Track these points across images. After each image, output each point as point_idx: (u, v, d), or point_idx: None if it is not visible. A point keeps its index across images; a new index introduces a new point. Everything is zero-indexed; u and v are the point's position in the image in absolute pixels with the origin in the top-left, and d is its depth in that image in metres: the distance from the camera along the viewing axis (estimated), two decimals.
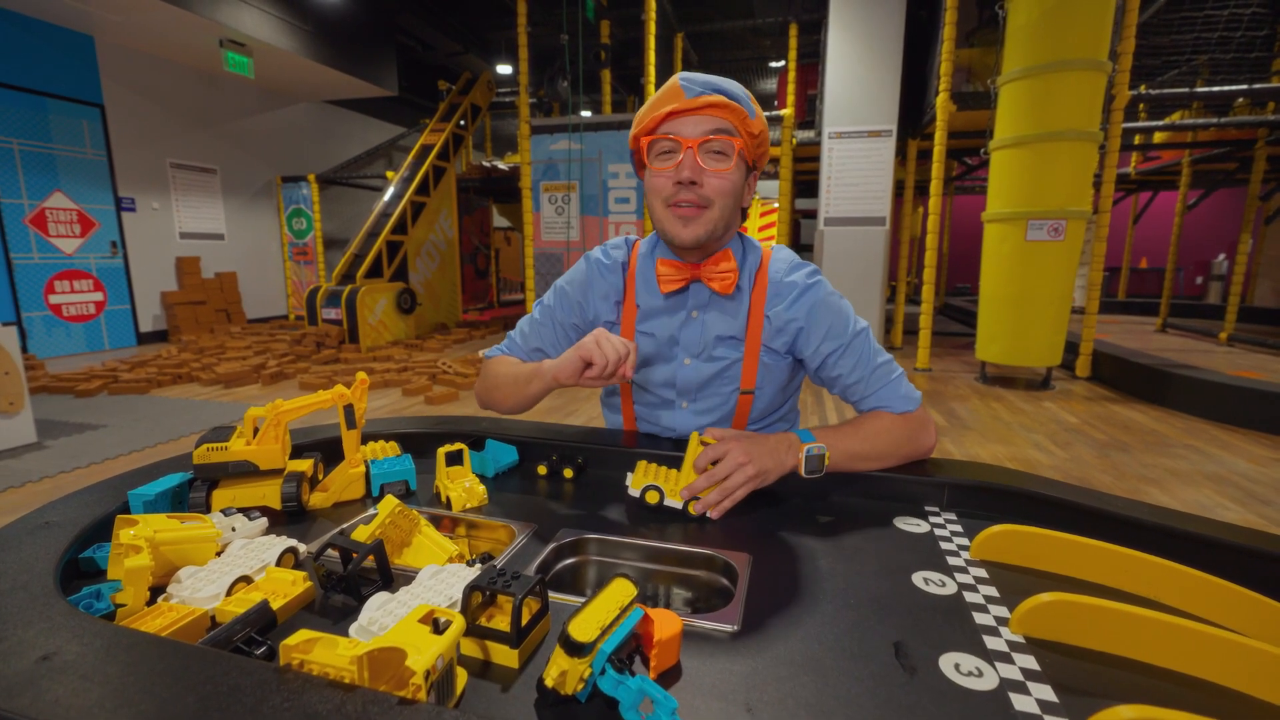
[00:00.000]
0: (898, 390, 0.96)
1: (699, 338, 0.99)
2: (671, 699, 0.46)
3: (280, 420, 0.82)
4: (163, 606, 0.58)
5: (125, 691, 0.44)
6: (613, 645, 0.48)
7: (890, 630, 0.59)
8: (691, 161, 0.87)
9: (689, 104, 0.86)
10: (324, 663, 0.46)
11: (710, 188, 0.89)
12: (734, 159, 0.89)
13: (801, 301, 0.95)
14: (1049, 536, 0.70)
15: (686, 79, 0.89)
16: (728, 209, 0.91)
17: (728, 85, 0.90)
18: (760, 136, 0.93)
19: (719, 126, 0.88)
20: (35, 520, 0.71)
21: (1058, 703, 0.50)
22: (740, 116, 0.89)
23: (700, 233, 0.90)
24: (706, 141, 0.87)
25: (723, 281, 0.94)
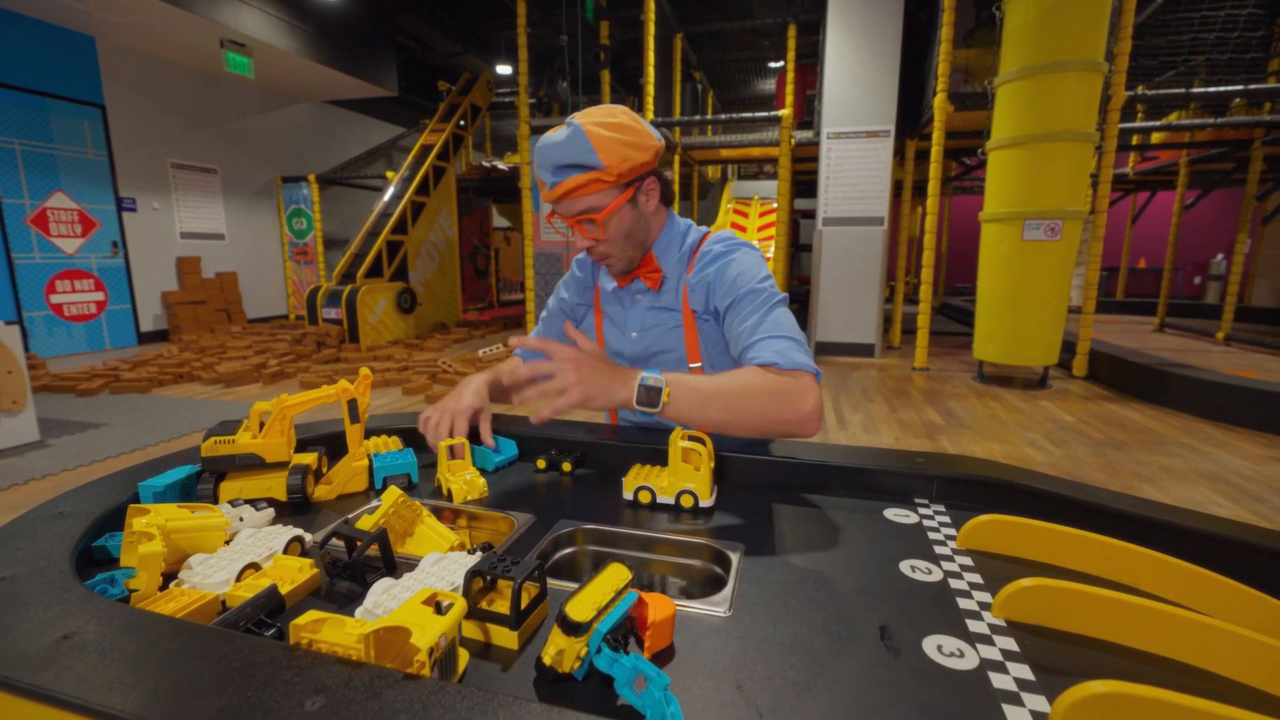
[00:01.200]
0: (774, 345, 0.91)
1: (639, 316, 1.14)
2: (664, 676, 0.48)
3: (286, 415, 0.85)
4: (175, 591, 0.60)
5: (143, 668, 0.46)
6: (608, 625, 0.50)
7: (877, 614, 0.62)
8: (580, 236, 1.02)
9: (548, 196, 0.99)
10: (332, 641, 0.48)
11: (601, 245, 1.04)
12: (604, 217, 0.99)
13: (714, 262, 1.04)
14: (1033, 526, 0.73)
15: (541, 168, 0.97)
16: (625, 246, 1.05)
17: (574, 154, 0.94)
18: (621, 158, 0.95)
19: (582, 208, 0.98)
20: (48, 510, 0.74)
21: (1034, 681, 0.52)
22: (592, 176, 0.95)
23: (620, 271, 1.10)
24: (580, 217, 1.00)
25: (650, 280, 1.11)
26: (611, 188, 0.97)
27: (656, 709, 0.46)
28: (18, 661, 0.46)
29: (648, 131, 1.00)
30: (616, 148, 0.95)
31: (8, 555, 0.62)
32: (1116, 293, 10.47)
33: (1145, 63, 5.32)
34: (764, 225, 7.86)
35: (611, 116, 0.96)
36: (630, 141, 0.96)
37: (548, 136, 0.97)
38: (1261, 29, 5.19)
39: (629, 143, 0.96)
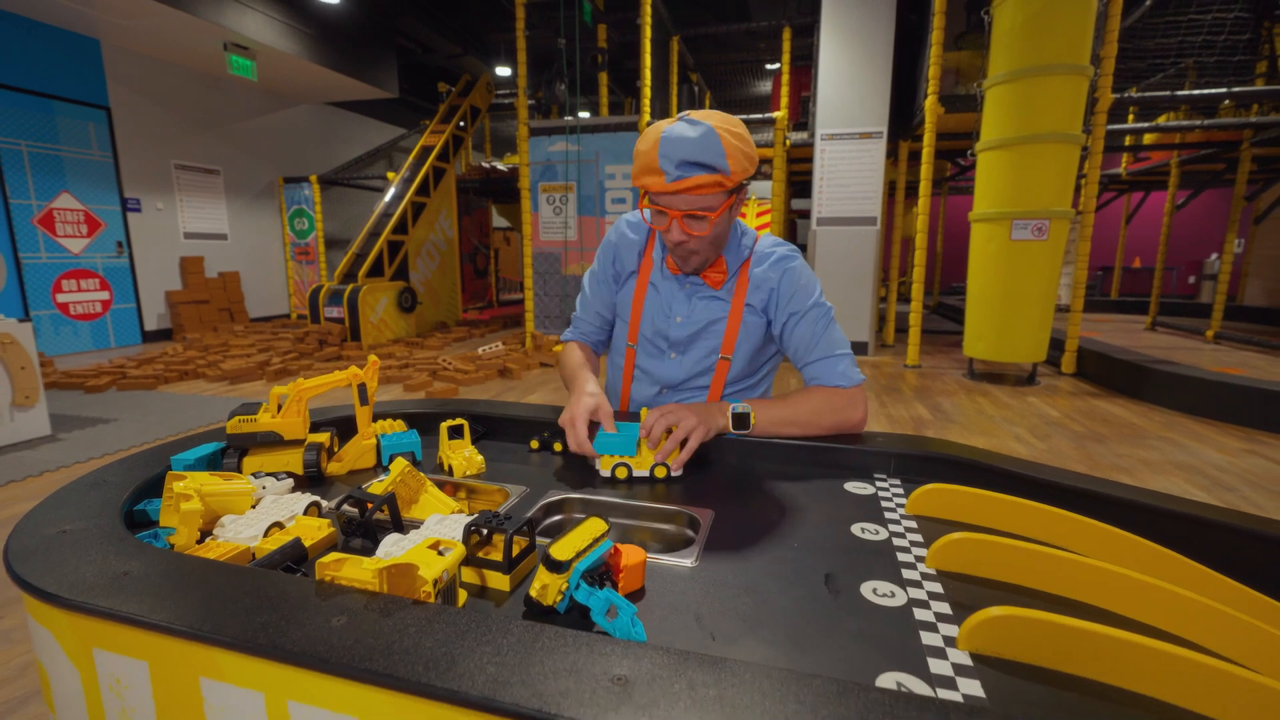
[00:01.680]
0: (836, 366, 1.09)
1: (688, 303, 1.19)
2: (631, 606, 0.57)
3: (302, 397, 0.93)
4: (211, 544, 0.69)
5: (192, 596, 0.54)
6: (586, 565, 0.59)
7: (823, 565, 0.70)
8: (678, 230, 1.04)
9: (667, 188, 0.99)
10: (351, 577, 0.57)
11: (694, 243, 1.07)
12: (713, 218, 1.02)
13: (779, 265, 1.13)
14: (970, 493, 0.81)
15: (665, 158, 0.97)
16: (713, 248, 1.10)
17: (705, 154, 0.96)
18: (742, 168, 1.00)
19: (697, 204, 1.01)
20: (93, 479, 0.82)
21: (951, 614, 0.61)
22: (717, 179, 0.98)
23: (692, 269, 1.14)
24: (688, 214, 1.02)
25: (714, 280, 1.16)
26: (725, 191, 1.01)
27: (624, 631, 0.55)
28: (86, 590, 0.55)
29: (754, 144, 1.05)
30: (740, 157, 0.99)
31: (64, 514, 0.71)
32: (1111, 292, 10.56)
33: (1134, 65, 5.40)
34: (761, 225, 7.94)
35: (736, 125, 1.00)
36: (749, 153, 1.01)
37: (674, 129, 0.98)
38: (1248, 32, 5.27)
39: (748, 154, 1.00)
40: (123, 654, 0.53)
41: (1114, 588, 0.62)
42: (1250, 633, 0.55)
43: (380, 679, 0.45)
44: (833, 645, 0.56)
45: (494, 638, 0.48)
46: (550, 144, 6.01)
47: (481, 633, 0.49)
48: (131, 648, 0.53)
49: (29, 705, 1.31)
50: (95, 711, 0.56)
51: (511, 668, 0.45)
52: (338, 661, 0.46)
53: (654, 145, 0.98)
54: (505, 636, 0.48)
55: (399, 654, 0.46)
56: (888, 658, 0.54)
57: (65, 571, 0.58)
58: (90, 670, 0.55)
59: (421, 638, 0.48)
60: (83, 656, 0.55)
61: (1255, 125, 5.48)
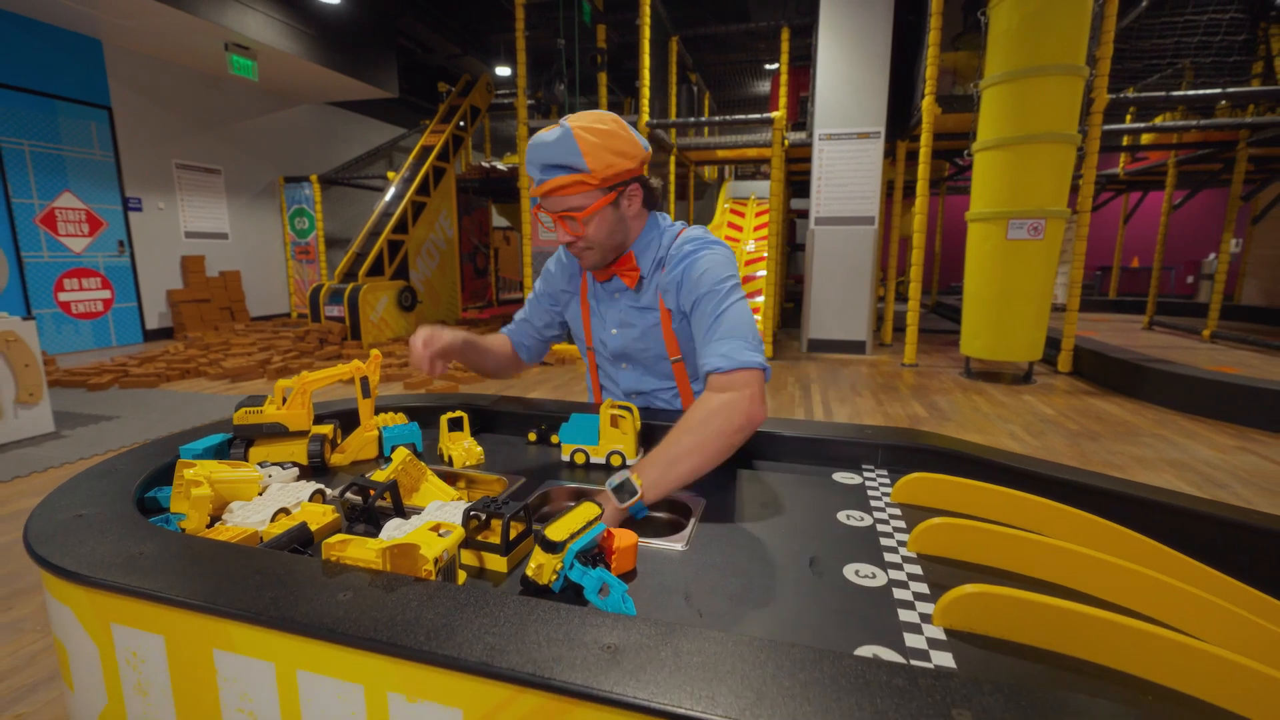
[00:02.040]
0: (720, 348, 0.96)
1: (618, 312, 1.20)
2: (622, 584, 0.60)
3: (306, 389, 0.96)
4: (220, 528, 0.72)
5: (204, 573, 0.57)
6: (580, 546, 0.62)
7: (808, 549, 0.73)
8: (561, 230, 1.07)
9: (534, 192, 1.04)
10: (356, 556, 0.60)
11: (580, 241, 1.08)
12: (585, 216, 1.03)
13: (681, 263, 1.09)
14: (953, 481, 0.84)
15: (530, 164, 1.02)
16: (605, 242, 1.09)
17: (562, 155, 0.98)
18: (606, 164, 1.00)
19: (565, 206, 1.03)
20: (104, 468, 0.85)
21: (929, 594, 0.64)
22: (577, 178, 0.99)
23: (591, 264, 1.13)
24: (563, 214, 1.05)
25: (628, 278, 1.15)
26: (594, 190, 1.01)
27: (615, 607, 0.58)
28: (104, 569, 0.58)
29: (634, 139, 1.03)
30: (602, 153, 0.99)
31: (79, 500, 0.73)
32: (1109, 292, 10.58)
33: (1130, 66, 5.43)
34: (760, 225, 7.96)
35: (600, 122, 1.00)
36: (616, 149, 1.00)
37: (539, 135, 1.01)
38: (1243, 33, 5.30)
39: (615, 149, 1.00)
40: (139, 628, 0.56)
41: (1083, 569, 0.65)
42: (1210, 609, 0.58)
43: (384, 648, 0.47)
44: (814, 621, 0.59)
45: (491, 610, 0.51)
46: None
47: (479, 606, 0.52)
48: (148, 622, 0.56)
49: (38, 692, 1.34)
50: (113, 684, 0.58)
51: (508, 637, 0.48)
52: (344, 632, 0.49)
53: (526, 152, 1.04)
54: (502, 609, 0.51)
55: (402, 625, 0.49)
56: (866, 632, 0.57)
57: (83, 552, 0.61)
58: (108, 645, 0.58)
59: (423, 611, 0.51)
60: (101, 631, 0.58)
61: (1251, 125, 5.51)
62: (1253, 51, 5.49)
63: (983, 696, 0.41)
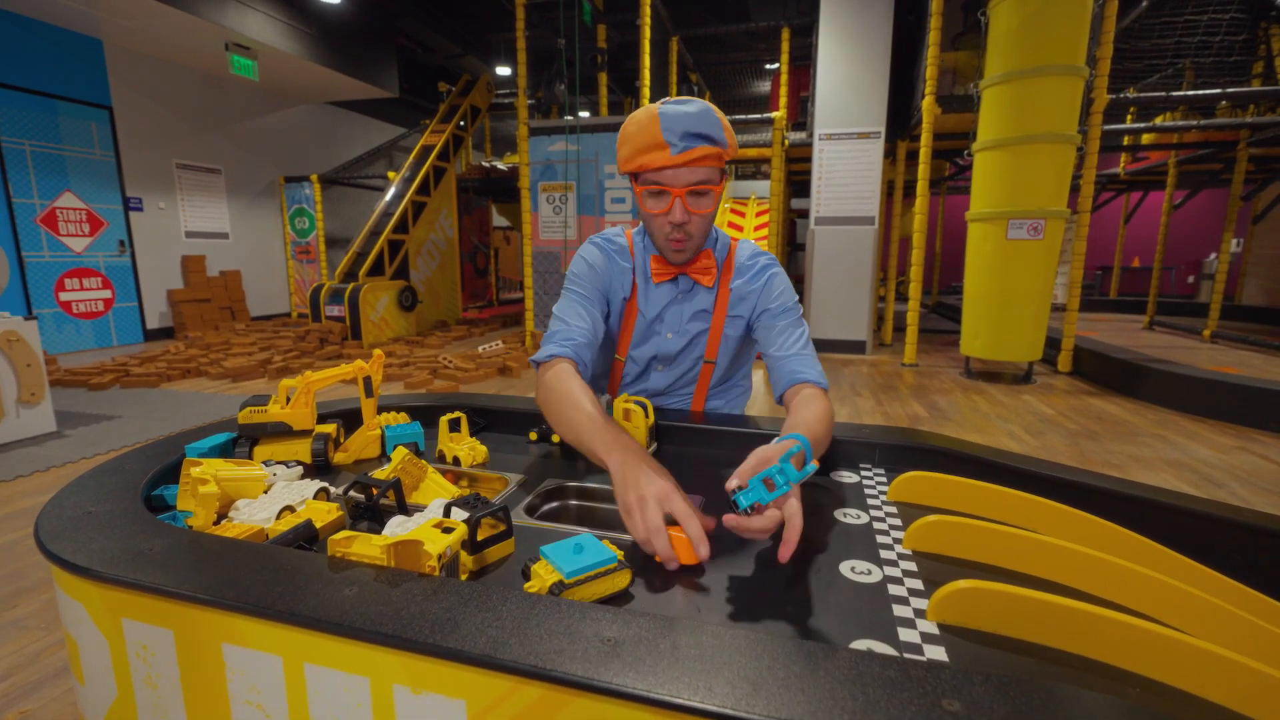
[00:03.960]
0: (817, 366, 1.07)
1: (679, 316, 1.18)
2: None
3: (310, 388, 0.97)
4: (227, 525, 0.73)
5: (211, 569, 0.58)
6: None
7: (805, 546, 0.74)
8: (680, 209, 1.00)
9: (673, 160, 0.95)
10: (361, 553, 0.61)
11: (695, 224, 1.04)
12: (716, 191, 1.01)
13: (760, 274, 1.16)
14: (948, 480, 0.85)
15: (669, 131, 0.94)
16: (707, 231, 1.09)
17: (706, 126, 0.95)
18: (733, 145, 1.01)
19: (703, 177, 0.99)
20: (111, 466, 0.86)
21: (923, 589, 0.65)
22: (717, 152, 0.97)
23: (689, 256, 1.11)
24: (692, 189, 0.99)
25: (707, 276, 1.14)
26: (720, 167, 1.01)
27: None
28: (114, 564, 0.59)
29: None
30: (730, 134, 1.00)
31: (88, 498, 0.75)
32: (1110, 292, 10.58)
33: (1130, 66, 5.43)
34: (760, 224, 7.97)
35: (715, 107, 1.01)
36: (733, 135, 1.01)
37: (670, 106, 0.96)
38: (1244, 33, 5.30)
39: (733, 135, 1.01)
40: (150, 623, 0.57)
41: (1075, 565, 0.66)
42: (1199, 605, 0.59)
43: (390, 640, 0.49)
44: (810, 616, 0.60)
45: (494, 605, 0.52)
46: (550, 144, 6.04)
47: (483, 601, 0.53)
48: (158, 616, 0.57)
49: (43, 688, 1.35)
50: (123, 677, 0.60)
51: (510, 631, 0.49)
52: (351, 626, 0.50)
53: (653, 119, 0.96)
54: (504, 604, 0.52)
55: (406, 619, 0.50)
56: (860, 627, 0.58)
57: (94, 548, 0.62)
58: (119, 639, 0.59)
59: (427, 605, 0.52)
60: (112, 626, 0.59)
61: (1252, 125, 5.51)
62: (1253, 51, 5.49)
63: (973, 687, 0.42)
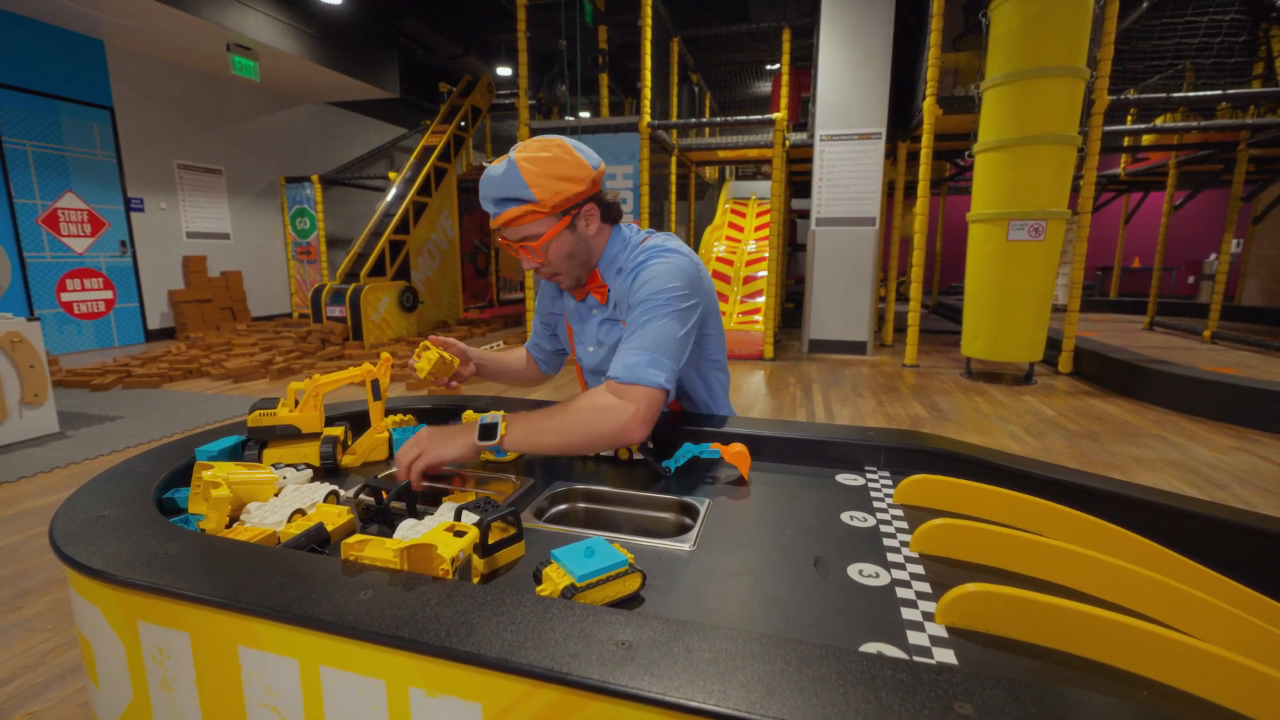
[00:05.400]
0: (625, 358, 0.98)
1: (593, 330, 1.21)
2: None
3: (318, 391, 0.98)
4: (239, 528, 0.73)
5: (227, 572, 0.59)
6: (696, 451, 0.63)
7: (813, 549, 0.75)
8: (525, 259, 1.09)
9: (494, 224, 1.06)
10: (374, 556, 0.61)
11: (545, 267, 1.10)
12: (541, 245, 1.04)
13: (634, 272, 1.08)
14: (954, 483, 0.86)
15: (484, 199, 1.04)
16: (570, 265, 1.10)
17: (507, 189, 0.99)
18: (553, 191, 0.99)
19: (522, 235, 1.05)
20: (123, 470, 0.87)
21: (931, 592, 0.65)
22: (528, 208, 1.00)
23: (571, 285, 1.16)
24: (519, 244, 1.07)
25: (598, 294, 1.17)
26: (546, 217, 1.02)
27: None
28: (130, 568, 0.59)
29: (580, 161, 1.02)
30: (547, 181, 0.99)
31: (101, 501, 0.75)
32: (1110, 292, 10.59)
33: (1131, 67, 5.44)
34: (761, 225, 7.98)
35: (545, 150, 1.00)
36: (559, 174, 0.99)
37: (490, 169, 1.02)
38: (1244, 34, 5.31)
39: (558, 175, 0.99)
40: (166, 626, 0.58)
41: (1081, 569, 0.66)
42: (1204, 608, 0.59)
43: (405, 644, 0.49)
44: (819, 619, 0.61)
45: (508, 609, 0.53)
46: None
47: (497, 605, 0.53)
48: (174, 619, 0.57)
49: (50, 690, 1.36)
50: (138, 680, 0.60)
51: (525, 634, 0.49)
52: (366, 629, 0.50)
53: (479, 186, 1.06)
54: (519, 608, 0.53)
55: (422, 622, 0.51)
56: (870, 630, 0.59)
57: (109, 551, 0.62)
58: (135, 641, 0.59)
59: (442, 609, 0.53)
60: (128, 629, 0.60)
61: (1252, 126, 5.52)
62: (1253, 53, 5.50)
63: (984, 691, 0.43)
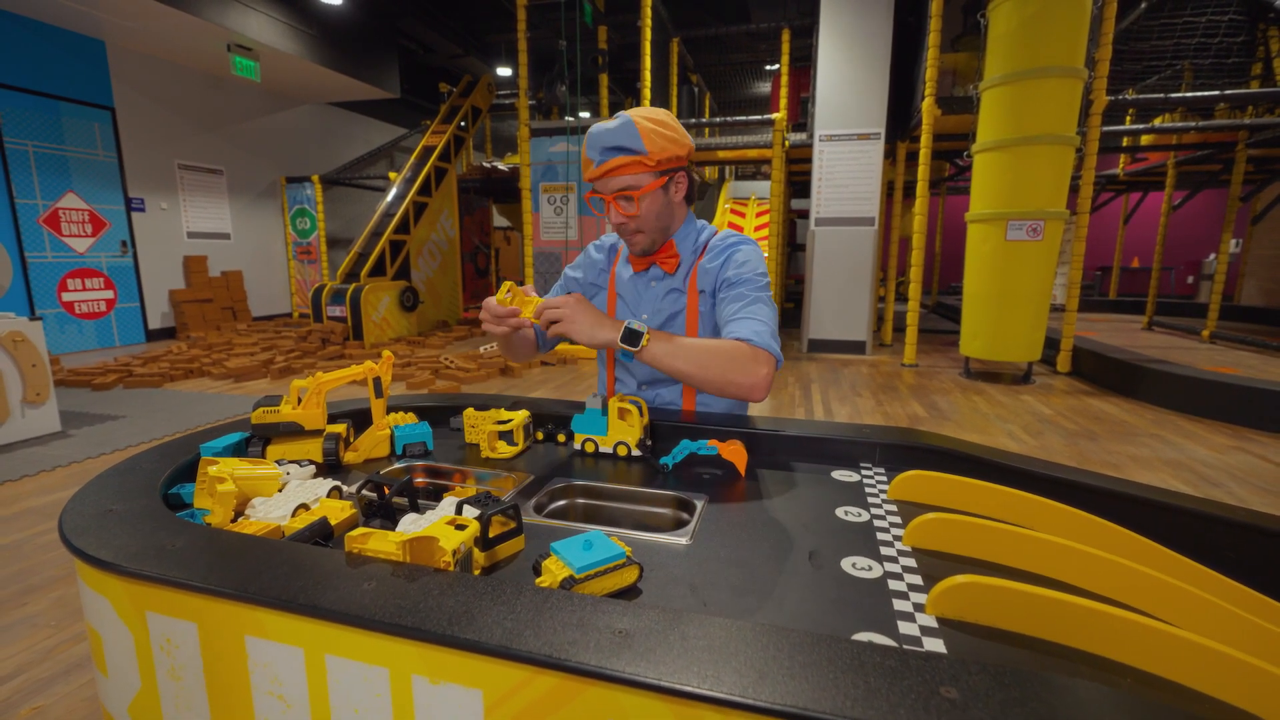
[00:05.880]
0: (753, 325, 1.08)
1: (653, 300, 1.26)
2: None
3: (321, 389, 0.99)
4: (244, 522, 0.75)
5: (234, 564, 0.60)
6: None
7: (808, 543, 0.76)
8: (614, 211, 1.16)
9: (595, 173, 1.13)
10: (377, 549, 0.63)
11: (632, 222, 1.17)
12: (640, 197, 1.13)
13: (724, 252, 1.21)
14: (947, 479, 0.87)
15: (591, 149, 1.12)
16: (653, 225, 1.19)
17: (622, 139, 1.09)
18: (660, 148, 1.10)
19: (622, 184, 1.13)
20: (128, 466, 0.88)
21: (922, 585, 0.67)
22: (636, 159, 1.10)
23: (645, 248, 1.22)
24: (618, 194, 1.14)
25: (667, 264, 1.24)
26: (649, 172, 1.12)
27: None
28: (138, 560, 0.61)
29: (684, 132, 1.16)
30: (657, 138, 1.10)
31: (108, 496, 0.77)
32: (1109, 292, 10.60)
33: (1130, 68, 5.45)
34: (760, 225, 7.99)
35: (656, 114, 1.13)
36: (670, 136, 1.12)
37: (599, 124, 1.12)
38: (1242, 35, 5.32)
39: (668, 136, 1.11)
40: (174, 616, 0.59)
41: (1069, 561, 0.68)
42: (1187, 598, 0.61)
43: (408, 632, 0.51)
44: (813, 611, 0.62)
45: (509, 599, 0.54)
46: (551, 144, 6.06)
47: (497, 595, 0.55)
48: (182, 610, 0.59)
49: (55, 685, 1.37)
50: (146, 669, 0.62)
51: (525, 622, 0.51)
52: (370, 618, 0.52)
53: (586, 139, 1.13)
54: (519, 598, 0.54)
55: (424, 612, 0.52)
56: (862, 621, 0.60)
57: (118, 544, 0.64)
58: (143, 632, 0.61)
59: (444, 599, 0.54)
60: (136, 619, 0.61)
61: (1250, 127, 5.53)
62: (1251, 53, 5.51)
63: (969, 675, 0.44)
